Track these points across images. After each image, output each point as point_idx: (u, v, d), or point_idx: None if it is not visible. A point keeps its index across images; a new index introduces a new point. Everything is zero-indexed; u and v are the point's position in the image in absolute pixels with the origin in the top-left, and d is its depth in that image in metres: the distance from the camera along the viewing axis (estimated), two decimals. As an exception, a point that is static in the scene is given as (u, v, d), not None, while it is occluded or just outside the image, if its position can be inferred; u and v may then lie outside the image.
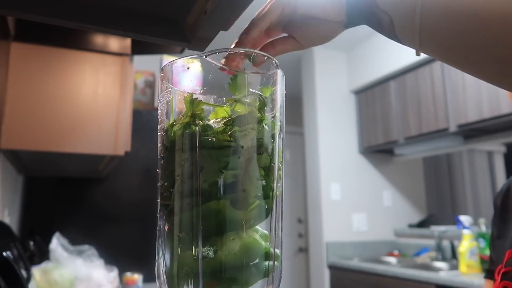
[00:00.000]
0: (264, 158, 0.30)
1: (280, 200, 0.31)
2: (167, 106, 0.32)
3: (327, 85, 2.64)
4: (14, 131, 0.92)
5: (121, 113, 1.04)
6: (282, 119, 0.33)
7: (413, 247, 2.43)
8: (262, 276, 0.29)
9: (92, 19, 0.37)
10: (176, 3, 0.38)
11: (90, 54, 1.02)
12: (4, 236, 0.86)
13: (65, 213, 1.57)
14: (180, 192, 0.28)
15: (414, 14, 0.28)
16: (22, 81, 0.95)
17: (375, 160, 2.68)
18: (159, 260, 0.30)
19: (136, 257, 1.53)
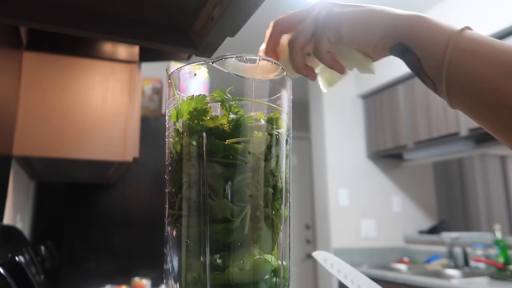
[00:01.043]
0: (271, 164, 0.30)
1: (288, 207, 0.31)
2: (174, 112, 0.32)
3: (334, 89, 2.63)
4: (26, 138, 0.94)
5: (129, 119, 1.05)
6: (290, 124, 0.33)
7: (424, 254, 2.38)
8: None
9: (101, 27, 0.38)
10: (183, 11, 0.38)
11: (99, 62, 1.04)
12: (16, 241, 0.87)
13: (75, 218, 1.59)
14: (187, 198, 0.28)
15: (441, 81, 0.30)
16: (34, 89, 0.97)
17: (383, 165, 2.64)
18: (167, 265, 0.30)
19: (144, 262, 1.54)
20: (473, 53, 0.28)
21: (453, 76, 0.29)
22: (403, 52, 0.31)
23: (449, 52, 0.29)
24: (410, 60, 0.31)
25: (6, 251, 0.70)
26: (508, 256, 1.81)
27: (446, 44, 0.29)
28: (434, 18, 0.31)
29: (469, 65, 0.28)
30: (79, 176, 1.47)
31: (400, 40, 0.31)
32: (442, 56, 0.29)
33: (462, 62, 0.28)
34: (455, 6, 2.04)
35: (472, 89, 0.28)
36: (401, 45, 0.31)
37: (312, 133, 2.72)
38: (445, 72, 0.29)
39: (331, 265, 0.41)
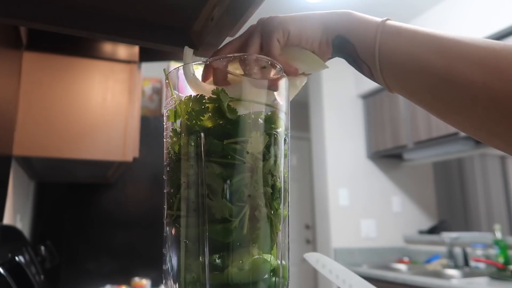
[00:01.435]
0: (270, 163, 0.30)
1: (287, 206, 0.31)
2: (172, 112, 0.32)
3: (334, 89, 2.63)
4: (26, 138, 0.94)
5: (129, 119, 1.05)
6: (288, 124, 0.33)
7: (424, 254, 2.38)
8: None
9: (101, 27, 0.38)
10: (183, 11, 0.38)
11: (99, 62, 1.04)
12: (16, 241, 0.88)
13: (75, 218, 1.59)
14: (186, 199, 0.28)
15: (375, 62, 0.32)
16: (34, 89, 0.97)
17: (383, 165, 2.64)
18: (166, 266, 0.30)
19: (144, 262, 1.54)
20: (399, 34, 0.31)
21: (384, 56, 0.32)
22: (342, 43, 0.34)
23: (379, 35, 0.32)
24: (348, 50, 0.34)
25: (6, 251, 0.70)
26: (508, 256, 1.81)
27: (375, 29, 0.32)
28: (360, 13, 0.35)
29: (397, 44, 0.31)
30: (79, 176, 1.47)
31: (338, 32, 0.34)
32: (373, 40, 0.32)
33: (391, 43, 0.31)
34: (455, 6, 2.04)
35: (403, 67, 0.31)
36: (339, 37, 0.34)
37: (312, 133, 2.72)
38: (377, 53, 0.32)
39: (322, 266, 0.42)
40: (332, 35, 0.34)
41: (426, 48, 0.30)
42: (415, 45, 0.30)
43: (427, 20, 2.16)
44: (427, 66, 0.29)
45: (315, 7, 2.10)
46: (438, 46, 0.29)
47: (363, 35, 0.33)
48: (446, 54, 0.29)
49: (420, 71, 0.30)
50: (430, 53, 0.29)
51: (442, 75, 0.28)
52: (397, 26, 0.32)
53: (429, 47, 0.30)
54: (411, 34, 0.31)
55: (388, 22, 0.33)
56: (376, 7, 2.10)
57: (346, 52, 0.34)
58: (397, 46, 0.31)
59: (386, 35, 0.32)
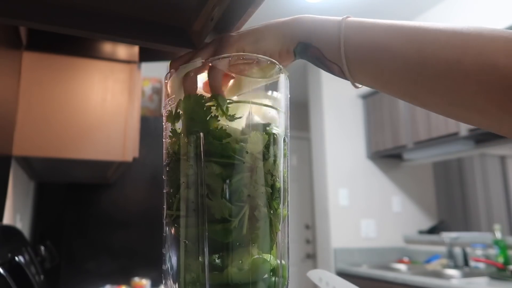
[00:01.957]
0: (269, 163, 0.30)
1: (287, 206, 0.31)
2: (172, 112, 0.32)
3: (334, 89, 2.63)
4: (26, 138, 0.94)
5: (129, 119, 1.05)
6: (287, 123, 0.33)
7: (424, 254, 2.38)
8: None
9: (101, 27, 0.38)
10: (183, 11, 0.38)
11: (99, 62, 1.04)
12: (16, 241, 0.87)
13: (75, 219, 1.59)
14: (185, 199, 0.28)
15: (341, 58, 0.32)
16: (34, 89, 0.97)
17: (383, 165, 2.65)
18: (166, 266, 0.30)
19: (144, 262, 1.54)
20: (363, 27, 0.32)
21: (350, 51, 0.31)
22: (304, 49, 0.34)
23: (342, 31, 0.32)
24: (313, 53, 0.34)
25: (6, 251, 0.70)
26: (507, 256, 1.81)
27: (338, 27, 0.32)
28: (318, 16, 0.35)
29: (363, 37, 0.31)
30: (78, 176, 1.47)
31: (299, 40, 0.34)
32: (337, 38, 0.32)
33: (356, 37, 0.31)
34: (455, 6, 2.04)
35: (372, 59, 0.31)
36: (301, 44, 0.34)
37: (312, 133, 2.72)
38: (343, 50, 0.32)
39: (326, 284, 0.42)
40: (293, 43, 0.34)
41: (393, 36, 0.30)
42: (382, 35, 0.30)
43: (428, 20, 2.16)
44: (397, 53, 0.29)
45: (315, 7, 2.10)
46: (405, 33, 0.30)
47: (326, 36, 0.33)
48: (414, 38, 0.29)
49: (391, 59, 0.30)
50: (398, 40, 0.30)
51: (414, 59, 0.29)
52: (359, 20, 0.32)
53: (396, 35, 0.30)
54: (375, 26, 0.31)
55: (349, 19, 0.33)
56: (376, 7, 2.10)
57: (310, 55, 0.34)
58: (363, 39, 0.31)
59: (350, 30, 0.32)
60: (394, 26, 0.31)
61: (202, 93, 0.31)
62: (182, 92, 0.31)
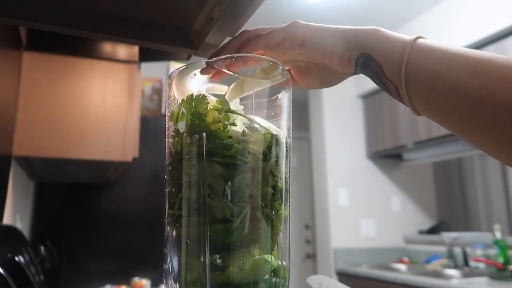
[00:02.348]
0: (271, 164, 0.30)
1: (288, 207, 0.31)
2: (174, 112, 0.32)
3: (334, 89, 2.63)
4: (26, 138, 0.93)
5: (129, 119, 1.05)
6: (289, 124, 0.33)
7: (424, 254, 2.38)
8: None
9: (101, 27, 0.38)
10: (183, 11, 0.38)
11: (99, 62, 1.04)
12: (16, 241, 0.87)
13: (75, 219, 1.59)
14: (187, 198, 0.28)
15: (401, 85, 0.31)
16: (34, 89, 0.97)
17: (383, 165, 2.65)
18: (167, 265, 0.30)
19: (144, 262, 1.54)
20: (428, 52, 0.30)
21: (411, 76, 0.30)
22: (366, 61, 0.33)
23: (407, 53, 0.30)
24: (373, 68, 0.33)
25: (6, 251, 0.70)
26: (507, 256, 1.81)
27: (403, 47, 0.31)
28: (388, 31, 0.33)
29: (425, 63, 0.30)
30: (78, 176, 1.47)
31: (363, 50, 0.33)
32: (400, 58, 0.31)
33: (419, 61, 0.30)
34: (454, 6, 2.04)
35: (431, 87, 0.29)
36: (364, 55, 0.33)
37: (312, 133, 2.72)
38: (403, 72, 0.30)
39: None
40: (357, 52, 0.33)
41: (457, 67, 0.28)
42: (445, 63, 0.29)
43: (427, 20, 2.16)
44: (457, 86, 0.28)
45: (315, 7, 2.10)
46: (470, 65, 0.28)
47: (390, 53, 0.31)
48: (477, 73, 0.27)
49: (450, 92, 0.28)
50: (461, 72, 0.28)
51: (474, 96, 0.27)
52: (427, 44, 0.31)
53: (459, 66, 0.28)
54: (441, 52, 0.29)
55: (420, 40, 0.31)
56: (376, 7, 2.10)
57: (370, 70, 0.33)
58: (425, 64, 0.29)
59: (415, 52, 0.30)
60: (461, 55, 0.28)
61: (205, 93, 0.31)
62: (186, 91, 0.31)
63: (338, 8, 2.11)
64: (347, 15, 2.16)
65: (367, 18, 2.19)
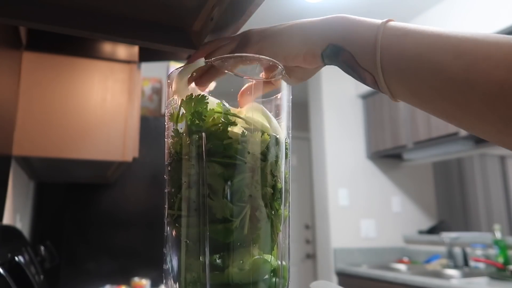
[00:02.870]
0: (271, 164, 0.30)
1: (288, 207, 0.31)
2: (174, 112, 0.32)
3: (333, 89, 2.63)
4: (26, 138, 0.93)
5: (129, 119, 1.05)
6: (289, 124, 0.33)
7: (424, 254, 2.38)
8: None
9: (101, 27, 0.38)
10: (183, 11, 0.38)
11: (99, 62, 1.04)
12: (16, 241, 0.87)
13: (75, 219, 1.59)
14: (187, 198, 0.28)
15: (377, 69, 0.29)
16: (33, 89, 0.97)
17: (383, 165, 2.65)
18: (167, 265, 0.30)
19: (144, 262, 1.54)
20: (404, 36, 0.28)
21: (388, 60, 0.28)
22: (335, 52, 0.31)
23: (380, 38, 0.29)
24: (344, 58, 0.31)
25: (5, 251, 0.70)
26: (507, 256, 1.81)
27: (375, 33, 0.29)
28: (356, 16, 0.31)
29: (403, 47, 0.28)
30: (78, 176, 1.47)
31: (330, 41, 0.31)
32: (373, 45, 0.29)
33: (396, 46, 0.28)
34: (454, 6, 2.04)
35: (412, 72, 0.28)
36: (331, 46, 0.31)
37: (312, 133, 2.72)
38: (378, 59, 0.28)
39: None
40: (321, 46, 0.31)
41: (438, 49, 0.26)
42: (425, 46, 0.27)
43: (427, 20, 2.16)
44: (441, 69, 0.26)
45: (315, 7, 2.10)
46: (452, 46, 0.26)
47: (361, 40, 0.29)
48: (462, 53, 0.26)
49: (434, 76, 0.26)
50: (444, 54, 0.26)
51: (460, 76, 0.25)
52: (401, 27, 0.29)
53: (441, 47, 0.26)
54: (418, 34, 0.28)
55: (390, 23, 0.29)
56: (376, 7, 2.10)
57: (341, 61, 0.31)
58: (403, 49, 0.28)
59: (389, 37, 0.28)
60: (442, 35, 0.27)
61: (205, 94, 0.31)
62: (186, 92, 0.31)
63: (338, 8, 2.11)
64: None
65: (367, 18, 2.19)
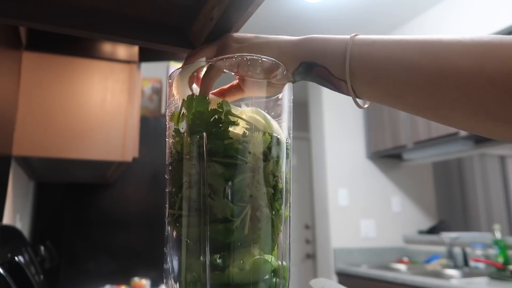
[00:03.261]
0: (272, 164, 0.30)
1: (289, 207, 0.31)
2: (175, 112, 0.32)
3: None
4: (26, 138, 0.93)
5: (129, 119, 1.05)
6: (290, 124, 0.33)
7: (424, 254, 2.38)
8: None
9: (101, 27, 0.38)
10: (183, 11, 0.38)
11: (99, 62, 1.04)
12: (16, 241, 0.87)
13: (75, 219, 1.59)
14: (188, 198, 0.28)
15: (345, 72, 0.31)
16: (33, 89, 0.97)
17: (383, 165, 2.65)
18: (167, 265, 0.30)
19: (144, 262, 1.54)
20: (373, 43, 0.31)
21: (358, 64, 0.30)
22: (308, 68, 0.33)
23: (349, 48, 0.31)
24: (318, 72, 0.33)
25: (5, 251, 0.70)
26: (507, 256, 1.81)
27: (344, 45, 0.31)
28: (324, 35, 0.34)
29: (373, 52, 0.30)
30: (78, 176, 1.47)
31: (302, 60, 0.33)
32: (343, 54, 0.31)
33: (366, 52, 0.30)
34: (453, 6, 2.04)
35: (383, 73, 0.29)
36: (304, 64, 0.33)
37: (312, 133, 2.72)
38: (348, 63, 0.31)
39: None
40: (294, 64, 0.33)
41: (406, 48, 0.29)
42: (393, 48, 0.29)
43: (426, 20, 2.16)
44: (411, 64, 0.28)
45: (315, 7, 2.10)
46: (418, 44, 0.28)
47: (333, 52, 0.32)
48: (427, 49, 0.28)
49: (405, 71, 0.28)
50: (412, 53, 0.28)
51: (430, 69, 0.27)
52: (368, 37, 0.31)
53: (408, 46, 0.29)
54: (385, 41, 0.30)
55: (358, 36, 0.32)
56: (375, 7, 2.10)
57: (314, 75, 0.33)
58: (374, 53, 0.30)
59: (358, 46, 0.31)
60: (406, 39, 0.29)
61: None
62: (186, 92, 0.31)
63: (338, 8, 2.11)
64: (346, 15, 2.16)
65: (366, 18, 2.19)
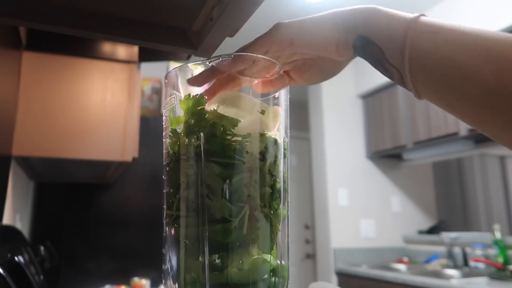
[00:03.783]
0: (269, 163, 0.30)
1: (287, 206, 0.31)
2: (172, 113, 0.32)
3: (333, 89, 2.63)
4: (26, 138, 0.94)
5: (128, 119, 1.05)
6: (287, 123, 0.33)
7: (423, 254, 2.38)
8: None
9: (101, 27, 0.38)
10: (183, 11, 0.38)
11: (99, 62, 1.04)
12: (16, 241, 0.87)
13: (75, 219, 1.59)
14: (185, 199, 0.28)
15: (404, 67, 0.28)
16: (33, 89, 0.97)
17: (383, 165, 2.65)
18: (166, 266, 0.30)
19: (144, 262, 1.54)
20: (436, 34, 0.27)
21: (416, 59, 0.27)
22: (364, 45, 0.29)
23: (410, 35, 0.28)
24: (373, 52, 0.29)
25: (5, 251, 0.70)
26: (507, 256, 1.81)
27: (405, 28, 0.28)
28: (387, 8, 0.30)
29: (434, 46, 0.27)
30: (78, 176, 1.47)
31: (359, 33, 0.29)
32: (403, 41, 0.28)
33: (426, 45, 0.27)
34: (454, 6, 2.04)
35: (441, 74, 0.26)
36: (361, 37, 0.29)
37: (312, 133, 2.72)
38: (407, 56, 0.27)
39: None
40: (352, 35, 0.30)
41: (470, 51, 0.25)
42: (456, 47, 0.26)
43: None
44: (470, 72, 0.25)
45: (315, 7, 2.10)
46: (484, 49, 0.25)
47: (390, 35, 0.28)
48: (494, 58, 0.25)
49: (462, 79, 0.25)
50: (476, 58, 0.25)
51: (491, 83, 0.24)
52: (432, 23, 0.27)
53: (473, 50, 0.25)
54: (450, 33, 0.26)
55: (422, 18, 0.28)
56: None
57: (370, 55, 0.30)
58: (434, 48, 0.26)
59: (419, 35, 0.27)
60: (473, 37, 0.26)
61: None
62: (185, 91, 0.31)
63: (337, 7, 2.11)
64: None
65: (367, 18, 2.19)
